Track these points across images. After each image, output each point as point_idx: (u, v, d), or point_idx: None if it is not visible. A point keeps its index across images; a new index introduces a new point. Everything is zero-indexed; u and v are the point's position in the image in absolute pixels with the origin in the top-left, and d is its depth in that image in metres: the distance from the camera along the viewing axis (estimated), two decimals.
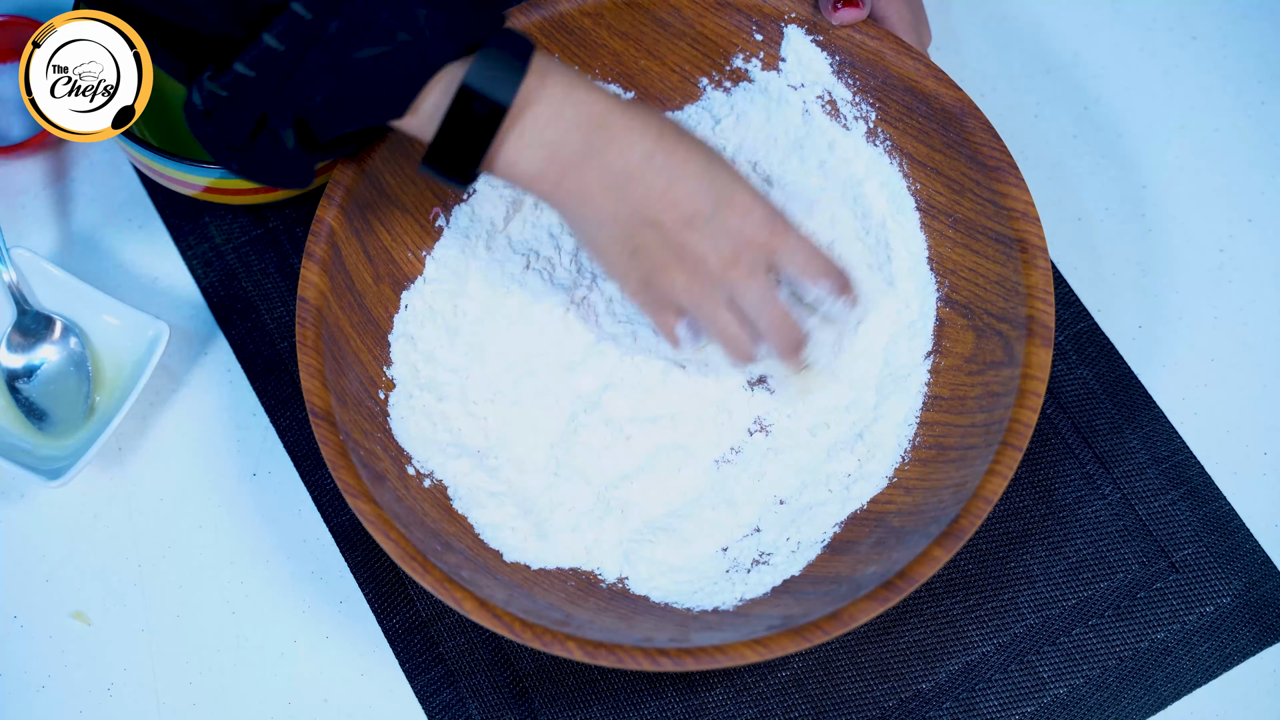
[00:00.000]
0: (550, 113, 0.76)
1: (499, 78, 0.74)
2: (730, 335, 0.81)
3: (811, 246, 0.80)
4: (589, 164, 0.77)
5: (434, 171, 0.77)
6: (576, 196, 0.77)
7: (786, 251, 0.80)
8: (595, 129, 0.76)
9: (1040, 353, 0.81)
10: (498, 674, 0.86)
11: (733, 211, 0.78)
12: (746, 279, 0.79)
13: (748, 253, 0.79)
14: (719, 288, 0.79)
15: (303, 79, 0.74)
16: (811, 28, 0.90)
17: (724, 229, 0.78)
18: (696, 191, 0.78)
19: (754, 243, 0.79)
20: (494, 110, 0.74)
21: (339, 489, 0.81)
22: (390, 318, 0.88)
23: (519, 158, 0.76)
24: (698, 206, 0.78)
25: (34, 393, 0.91)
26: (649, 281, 0.80)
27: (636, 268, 0.79)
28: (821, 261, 0.81)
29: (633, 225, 0.78)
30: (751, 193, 0.79)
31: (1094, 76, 1.01)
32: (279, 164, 0.78)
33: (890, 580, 0.77)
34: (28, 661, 0.87)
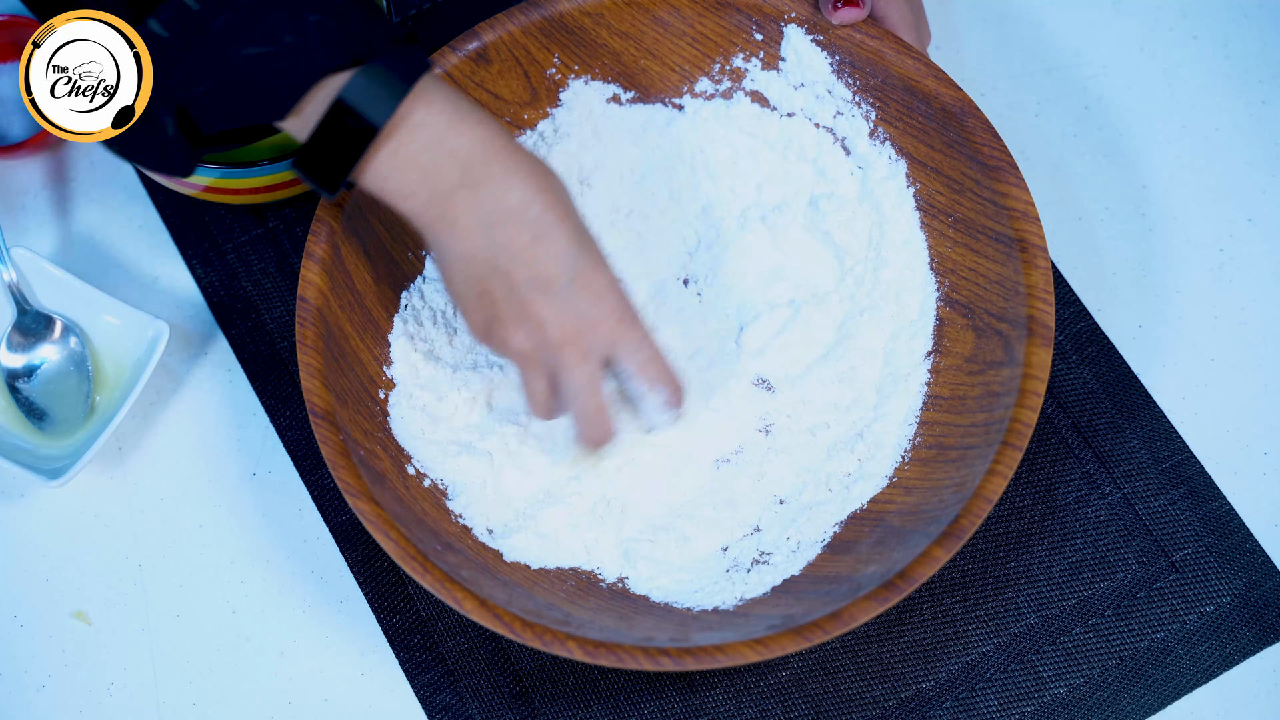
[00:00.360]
0: (429, 138, 0.74)
1: (376, 96, 0.73)
2: (538, 401, 0.81)
3: (653, 349, 0.80)
4: (460, 196, 0.75)
5: (303, 175, 0.76)
6: (443, 224, 0.76)
7: (628, 348, 0.79)
8: (475, 164, 0.75)
9: (1040, 352, 0.81)
10: (498, 674, 0.86)
11: (586, 289, 0.77)
12: (578, 361, 0.78)
13: (588, 337, 0.78)
14: (547, 359, 0.78)
15: (186, 69, 0.73)
16: (811, 27, 0.90)
17: (572, 303, 0.77)
18: (558, 257, 0.76)
19: (597, 329, 0.78)
20: (365, 128, 0.73)
21: (339, 489, 0.81)
22: (390, 317, 0.88)
23: (390, 177, 0.75)
24: (555, 272, 0.76)
25: (34, 392, 0.91)
26: (488, 328, 0.79)
27: (480, 310, 0.78)
28: (659, 367, 0.80)
29: (486, 269, 0.76)
30: (610, 279, 0.78)
31: (1094, 76, 1.01)
32: (158, 150, 0.76)
33: (890, 580, 0.77)
34: (28, 661, 0.87)
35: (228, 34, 0.72)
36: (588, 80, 0.93)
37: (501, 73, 0.91)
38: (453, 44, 0.89)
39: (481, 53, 0.90)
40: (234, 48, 0.72)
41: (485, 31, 0.90)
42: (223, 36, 0.72)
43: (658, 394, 0.81)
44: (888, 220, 0.90)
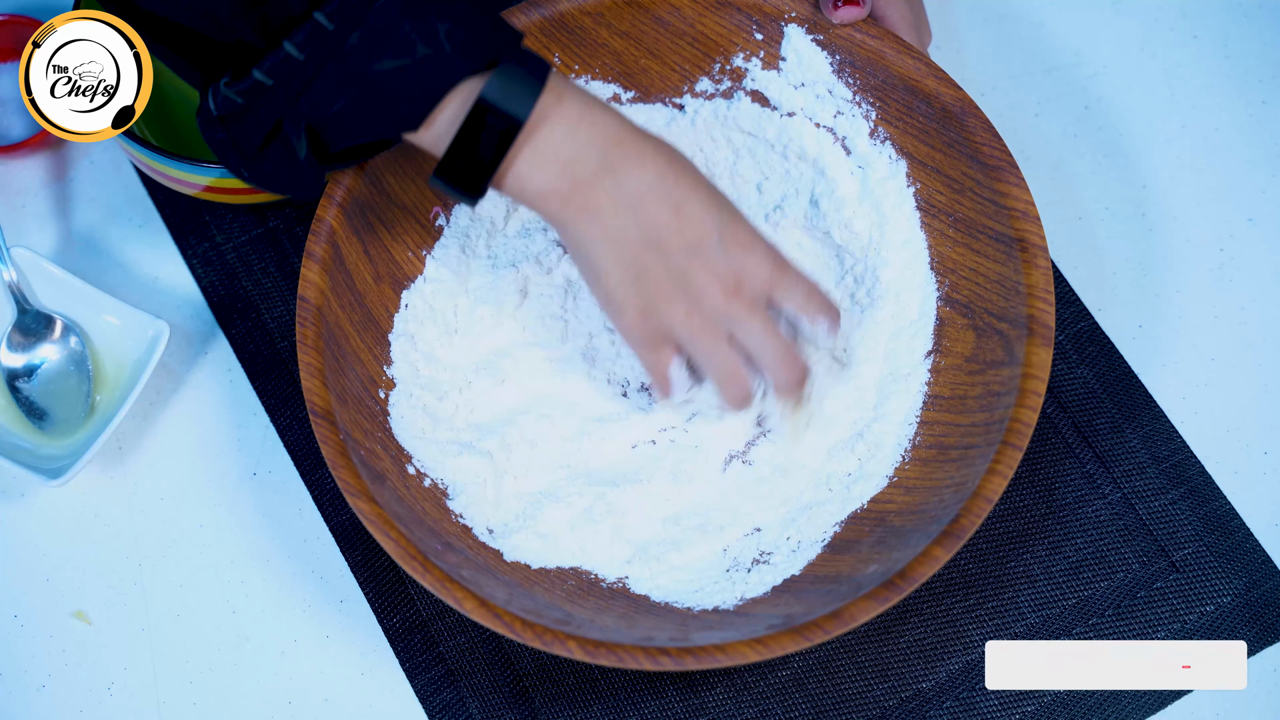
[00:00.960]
0: (565, 129, 0.76)
1: (516, 93, 0.74)
2: (728, 372, 0.81)
3: (810, 283, 0.81)
4: (602, 182, 0.77)
5: (444, 185, 0.77)
6: (586, 215, 0.77)
7: (787, 288, 0.80)
8: (610, 147, 0.77)
9: (1040, 352, 0.81)
10: (498, 673, 0.86)
11: (735, 243, 0.79)
12: (749, 313, 0.80)
13: (749, 286, 0.79)
14: (720, 321, 0.80)
15: (321, 89, 0.74)
16: (812, 27, 0.90)
17: (727, 260, 0.79)
18: (703, 219, 0.78)
19: (756, 277, 0.79)
20: (510, 125, 0.75)
21: (339, 488, 0.81)
22: (390, 317, 0.88)
23: (531, 173, 0.76)
24: (702, 234, 0.78)
25: (34, 392, 0.91)
26: (648, 311, 0.79)
27: (637, 295, 0.79)
28: (819, 299, 0.81)
29: (638, 248, 0.78)
30: (753, 229, 0.80)
31: (1094, 76, 1.01)
32: (290, 173, 0.78)
33: (890, 579, 0.77)
34: (28, 661, 0.87)
35: (362, 50, 0.73)
36: (588, 80, 0.93)
37: None
38: None
39: None
40: (369, 64, 0.73)
41: None
42: (357, 53, 0.73)
43: (819, 324, 0.81)
44: (888, 220, 0.90)
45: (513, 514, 0.86)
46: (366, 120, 0.75)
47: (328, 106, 0.74)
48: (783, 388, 0.83)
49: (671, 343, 0.81)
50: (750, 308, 0.80)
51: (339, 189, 0.86)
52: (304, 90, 0.74)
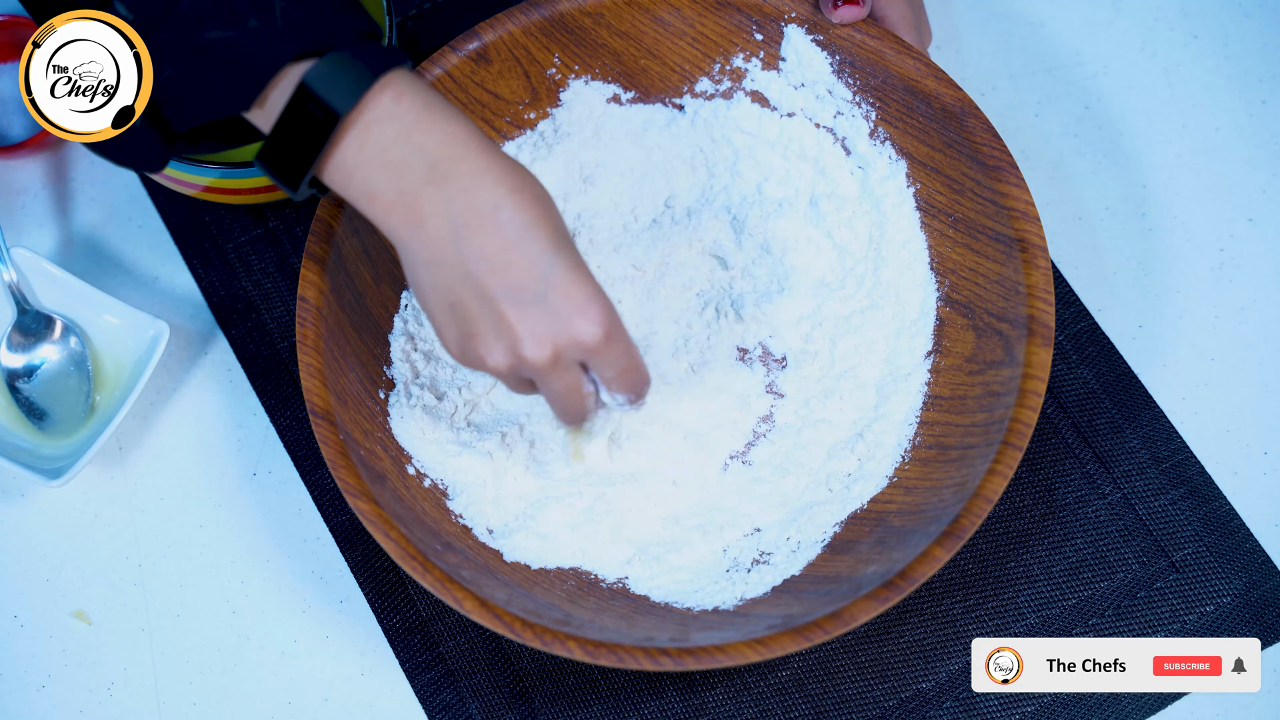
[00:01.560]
0: (397, 131, 0.71)
1: (341, 83, 0.70)
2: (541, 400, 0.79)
3: (630, 360, 0.75)
4: (428, 195, 0.71)
5: (267, 171, 0.74)
6: (409, 227, 0.72)
7: (604, 361, 0.75)
8: (445, 160, 0.71)
9: (1040, 352, 0.81)
10: (498, 673, 0.86)
11: (567, 302, 0.72)
12: (559, 375, 0.74)
13: (568, 352, 0.74)
14: (528, 371, 0.74)
15: (150, 52, 0.72)
16: (812, 27, 0.90)
17: (550, 318, 0.72)
18: (534, 264, 0.72)
19: (576, 345, 0.73)
20: (328, 115, 0.70)
21: (339, 488, 0.81)
22: (390, 317, 0.88)
23: (354, 171, 0.72)
24: (528, 281, 0.72)
25: (34, 392, 0.91)
26: (464, 346, 0.75)
27: (453, 325, 0.74)
28: (630, 378, 0.76)
29: (455, 277, 0.72)
30: (590, 286, 0.73)
31: (1095, 76, 1.01)
32: (129, 143, 0.75)
33: (890, 580, 0.77)
34: (28, 661, 0.87)
35: (192, 16, 0.70)
36: (588, 80, 0.93)
37: (502, 73, 0.91)
38: (453, 44, 0.89)
39: (482, 53, 0.90)
40: (198, 31, 0.70)
41: (485, 31, 0.90)
42: (187, 18, 0.70)
43: (618, 399, 0.77)
44: (888, 220, 0.90)
45: (512, 514, 0.86)
46: (196, 94, 0.72)
47: (157, 72, 0.72)
48: (561, 420, 0.78)
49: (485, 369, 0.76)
50: (560, 372, 0.74)
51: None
52: None
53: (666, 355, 0.89)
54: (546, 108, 0.93)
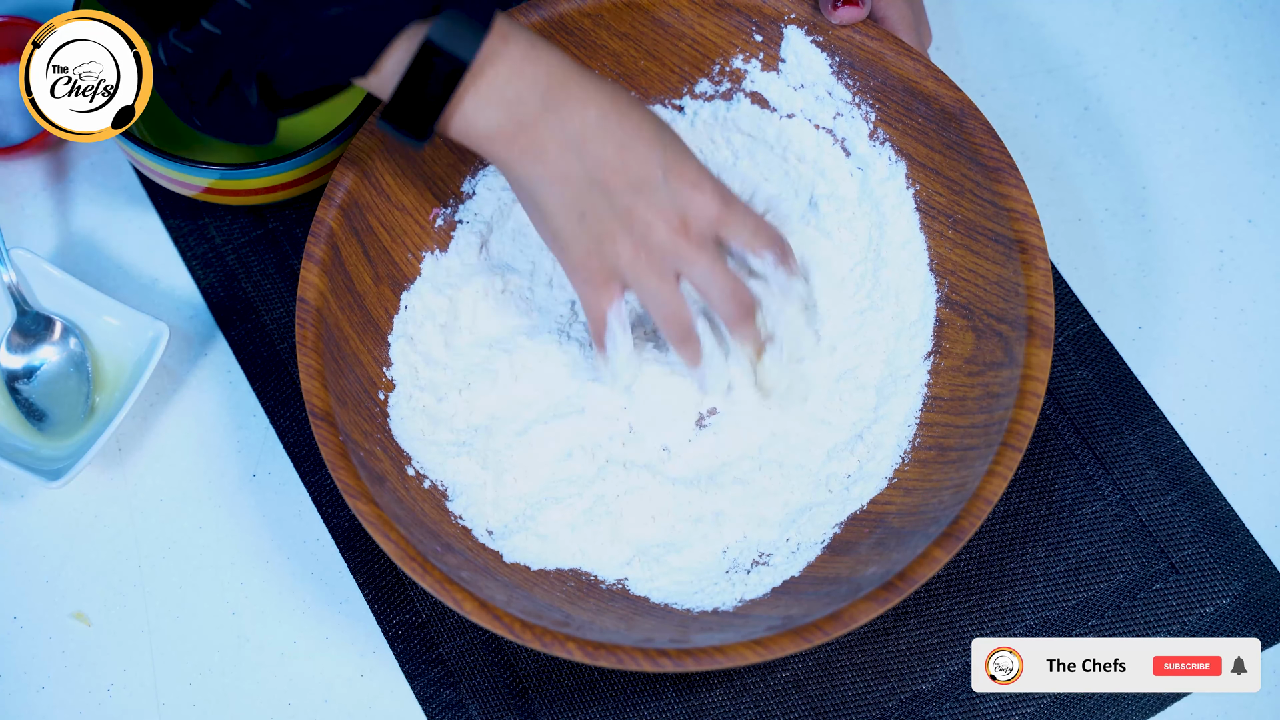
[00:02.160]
0: (510, 70, 0.77)
1: (462, 35, 0.75)
2: (671, 311, 0.81)
3: (757, 219, 0.82)
4: (545, 121, 0.77)
5: (391, 128, 0.78)
6: (530, 154, 0.78)
7: (734, 224, 0.81)
8: (554, 87, 0.77)
9: (1040, 353, 0.81)
10: (498, 675, 0.86)
11: (682, 181, 0.79)
12: (696, 251, 0.80)
13: (696, 224, 0.80)
14: (666, 259, 0.80)
15: (269, 36, 0.74)
16: (811, 28, 0.90)
17: (672, 198, 0.79)
18: (647, 158, 0.78)
19: (703, 215, 0.80)
20: (455, 67, 0.75)
21: (339, 490, 0.81)
22: (390, 318, 0.88)
23: (477, 115, 0.77)
24: (648, 173, 0.78)
25: (34, 393, 0.91)
26: (594, 249, 0.80)
27: (583, 234, 0.80)
28: (766, 233, 0.82)
29: (582, 187, 0.78)
30: (700, 166, 0.80)
31: (1094, 76, 1.01)
32: (242, 121, 0.79)
33: (890, 581, 0.77)
34: (28, 661, 0.87)
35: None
36: None
37: None
38: None
39: None
40: (316, 10, 0.74)
41: None
42: (305, 0, 0.74)
43: (765, 258, 0.82)
44: (887, 221, 0.90)
45: (512, 515, 0.86)
46: (315, 66, 0.76)
47: (277, 54, 0.75)
48: (730, 321, 0.83)
49: (617, 281, 0.81)
50: (698, 245, 0.80)
51: (339, 190, 0.86)
52: (252, 38, 0.74)
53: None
54: None
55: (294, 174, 0.91)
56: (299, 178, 0.91)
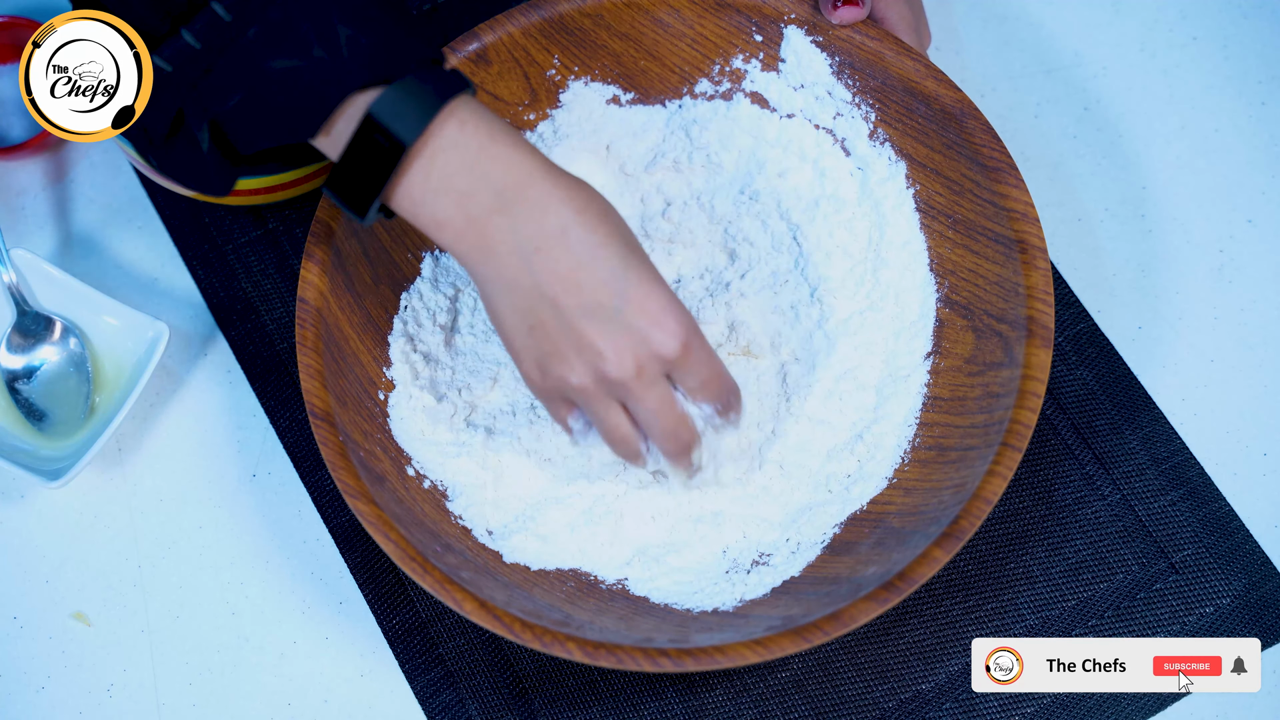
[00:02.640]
0: (462, 160, 0.72)
1: (407, 113, 0.71)
2: (619, 437, 0.77)
3: (711, 369, 0.76)
4: (498, 222, 0.73)
5: (335, 198, 0.75)
6: (480, 252, 0.73)
7: (687, 371, 0.76)
8: (511, 186, 0.72)
9: (1040, 353, 0.81)
10: (498, 675, 0.86)
11: (641, 314, 0.73)
12: (644, 388, 0.75)
13: (649, 364, 0.74)
14: (613, 390, 0.75)
15: (217, 81, 0.72)
16: (811, 28, 0.90)
17: (626, 329, 0.73)
18: (605, 281, 0.73)
19: (657, 355, 0.74)
20: (394, 146, 0.71)
21: (339, 490, 0.81)
22: (390, 318, 0.88)
23: (423, 200, 0.73)
24: (601, 298, 0.73)
25: (34, 393, 0.91)
26: (543, 367, 0.75)
27: (532, 346, 0.75)
28: (715, 386, 0.77)
29: (533, 298, 0.73)
30: (665, 297, 0.74)
31: (1094, 77, 1.01)
32: (196, 167, 0.76)
33: (890, 581, 0.77)
34: (28, 661, 0.87)
35: (259, 45, 0.71)
36: (588, 81, 0.93)
37: (501, 74, 0.91)
38: (453, 45, 0.89)
39: (481, 54, 0.90)
40: (265, 60, 0.71)
41: (485, 33, 0.90)
42: (254, 48, 0.71)
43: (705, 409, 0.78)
44: (887, 221, 0.90)
45: (512, 515, 0.86)
46: (264, 121, 0.73)
47: (223, 100, 0.72)
48: (669, 456, 0.79)
49: (566, 399, 0.77)
50: (648, 385, 0.75)
51: None
52: (200, 80, 0.72)
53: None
54: (546, 109, 0.93)
55: (294, 174, 0.91)
56: (299, 178, 0.91)
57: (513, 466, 0.87)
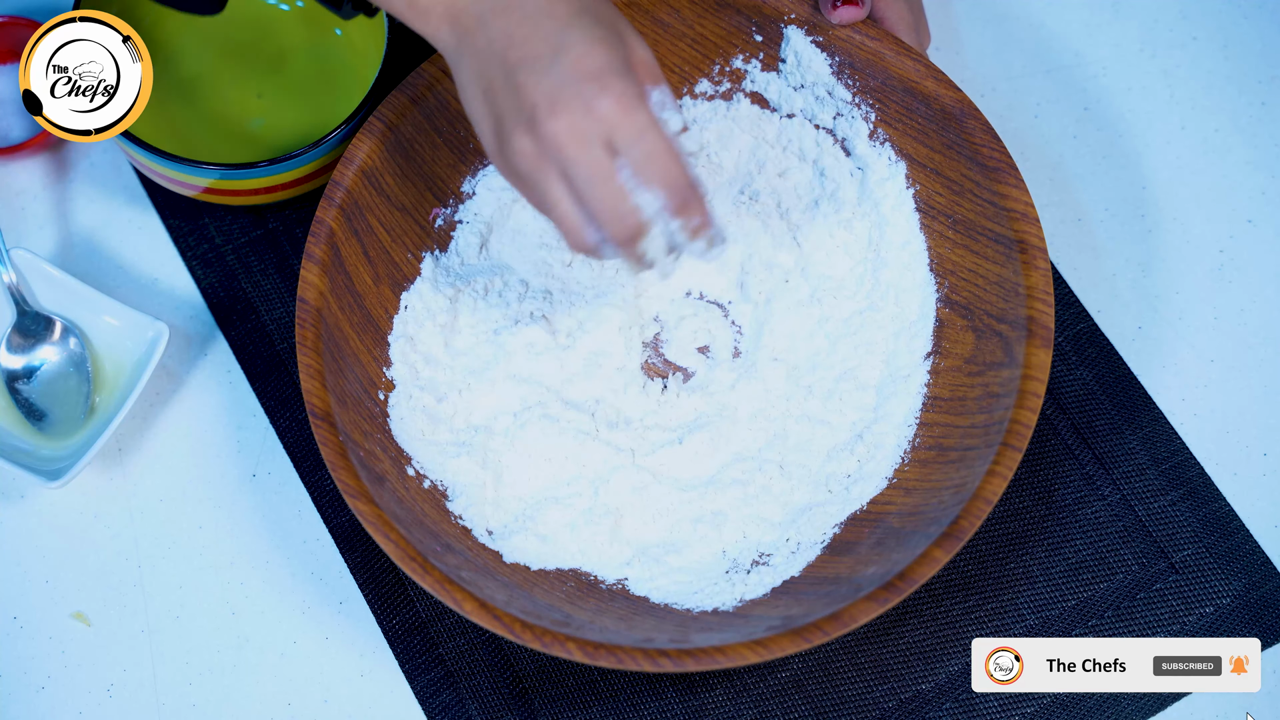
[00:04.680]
0: None
1: None
2: (559, 214, 0.72)
3: (659, 141, 0.71)
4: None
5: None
6: (449, 26, 0.73)
7: (629, 139, 0.70)
8: None
9: (1040, 353, 0.81)
10: (498, 675, 0.86)
11: (575, 67, 0.70)
12: (580, 150, 0.70)
13: (583, 124, 0.70)
14: (552, 153, 0.71)
15: None
16: (811, 28, 0.90)
17: (561, 82, 0.70)
18: (548, 35, 0.70)
19: (591, 113, 0.70)
20: None
21: (339, 490, 0.81)
22: (390, 318, 0.88)
23: None
24: (540, 50, 0.70)
25: (34, 393, 0.91)
26: (498, 134, 0.72)
27: (488, 115, 0.73)
28: (664, 164, 0.71)
29: (486, 60, 0.72)
30: (606, 56, 0.70)
31: (1094, 77, 1.01)
32: None
33: (890, 581, 0.77)
34: (28, 661, 0.87)
35: None
36: None
37: None
38: None
39: None
40: None
41: None
42: None
43: (655, 195, 0.71)
44: (887, 221, 0.90)
45: (512, 515, 0.86)
46: None
47: None
48: (615, 244, 0.73)
49: (519, 174, 0.73)
50: (581, 144, 0.70)
51: (338, 190, 0.86)
52: None
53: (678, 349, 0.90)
54: None
55: (294, 174, 0.91)
56: (299, 178, 0.91)
57: (513, 466, 0.87)
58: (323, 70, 0.97)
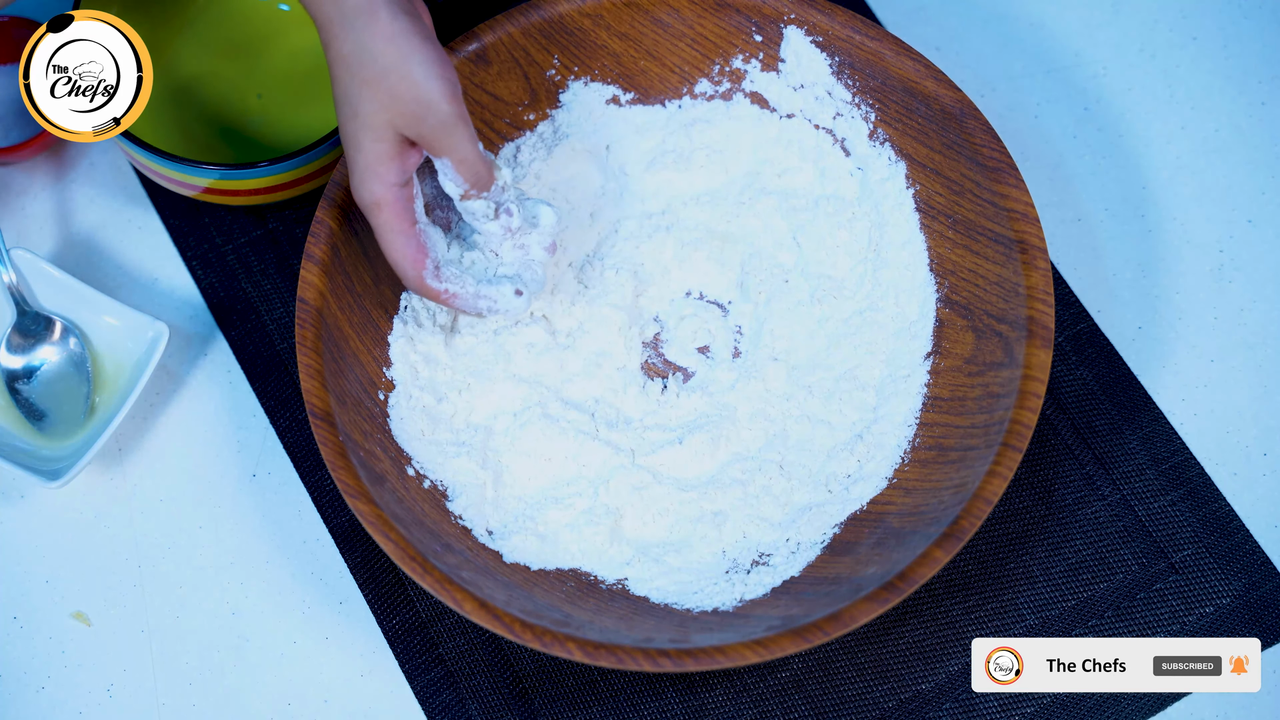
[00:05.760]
0: None
1: None
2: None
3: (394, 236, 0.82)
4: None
5: None
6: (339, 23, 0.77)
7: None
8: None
9: (1040, 354, 0.81)
10: (498, 675, 0.86)
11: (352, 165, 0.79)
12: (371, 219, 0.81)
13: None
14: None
15: None
16: (811, 28, 0.90)
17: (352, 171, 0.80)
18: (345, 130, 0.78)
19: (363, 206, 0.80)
20: None
21: (339, 490, 0.81)
22: (390, 319, 0.88)
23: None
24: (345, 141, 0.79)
25: (34, 393, 0.91)
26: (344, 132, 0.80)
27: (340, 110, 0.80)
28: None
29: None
30: (362, 160, 0.79)
31: (1094, 77, 1.01)
32: None
33: (890, 581, 0.77)
34: (28, 662, 0.87)
35: None
36: (587, 82, 0.93)
37: (501, 74, 0.91)
38: (452, 45, 0.89)
39: (481, 54, 0.90)
40: None
41: (485, 33, 0.90)
42: None
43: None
44: (887, 221, 0.90)
45: (512, 515, 0.86)
46: None
47: None
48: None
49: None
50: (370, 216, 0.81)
51: (338, 190, 0.86)
52: None
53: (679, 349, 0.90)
54: (546, 109, 0.93)
55: (294, 174, 0.91)
56: (299, 178, 0.91)
57: (512, 466, 0.87)
58: (323, 70, 0.97)
